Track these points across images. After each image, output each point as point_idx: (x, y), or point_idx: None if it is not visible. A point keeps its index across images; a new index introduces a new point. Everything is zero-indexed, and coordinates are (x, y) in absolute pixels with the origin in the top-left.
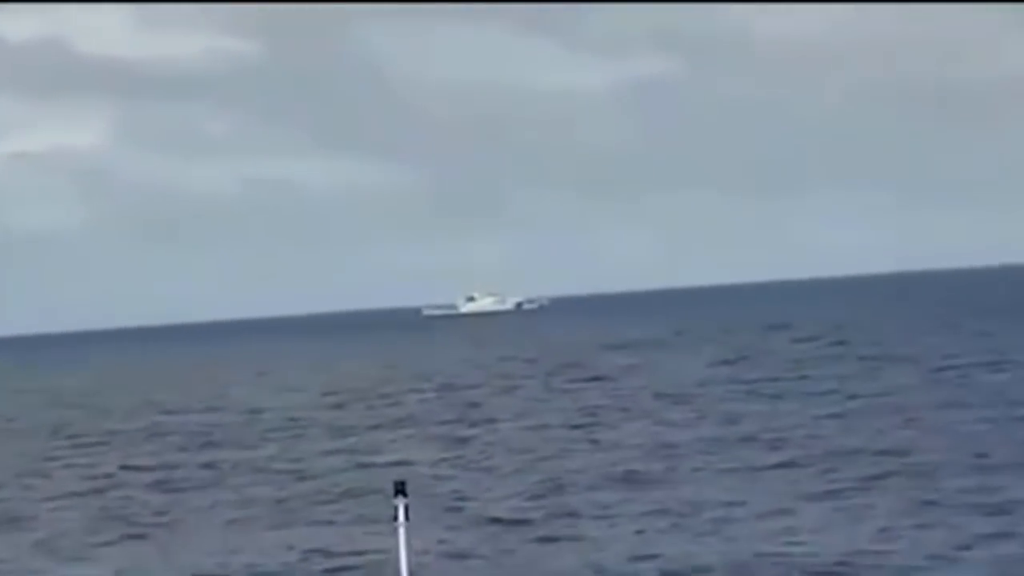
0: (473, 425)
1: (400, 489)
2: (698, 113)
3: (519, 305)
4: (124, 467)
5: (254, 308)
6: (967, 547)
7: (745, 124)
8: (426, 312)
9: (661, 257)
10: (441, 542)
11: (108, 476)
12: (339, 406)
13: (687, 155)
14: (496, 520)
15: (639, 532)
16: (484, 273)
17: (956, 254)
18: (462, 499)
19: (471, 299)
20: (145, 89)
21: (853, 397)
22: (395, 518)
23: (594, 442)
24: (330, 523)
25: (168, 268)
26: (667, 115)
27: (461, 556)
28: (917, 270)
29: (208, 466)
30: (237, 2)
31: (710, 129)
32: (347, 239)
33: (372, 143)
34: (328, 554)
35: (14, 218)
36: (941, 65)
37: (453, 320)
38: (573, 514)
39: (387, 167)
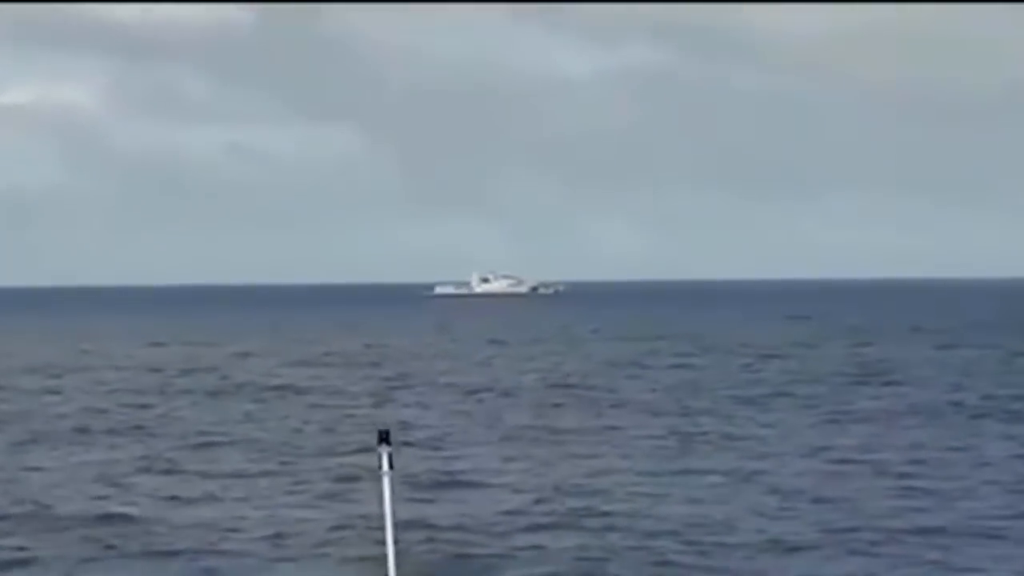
0: None
1: (384, 438)
2: (692, 103)
3: (534, 289)
4: None
5: (235, 275)
6: None
7: (742, 116)
8: (438, 290)
9: (649, 250)
10: None
11: None
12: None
13: (679, 146)
14: None
15: None
16: (473, 254)
17: (967, 263)
18: None
19: (485, 280)
20: (135, 50)
21: None
22: (379, 467)
23: None
24: None
25: (149, 229)
26: (659, 104)
27: None
28: (919, 277)
29: None
30: None
31: (704, 120)
32: (337, 212)
33: (358, 118)
34: None
35: None
36: (958, 68)
37: (461, 300)
38: None
39: (374, 143)
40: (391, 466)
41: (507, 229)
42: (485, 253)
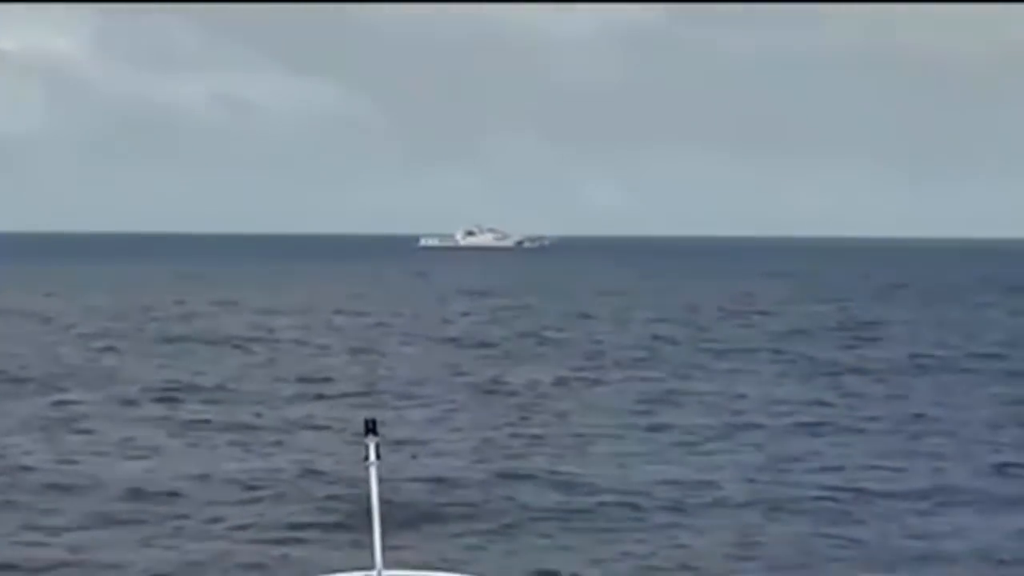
0: None
1: (371, 428)
2: (681, 64)
3: (520, 243)
4: None
5: (221, 224)
6: None
7: (730, 77)
8: (422, 243)
9: (636, 206)
10: None
11: None
12: None
13: (668, 106)
14: None
15: None
16: (460, 208)
17: (945, 225)
18: None
19: (471, 233)
20: None
21: None
22: (366, 458)
23: None
24: None
25: (135, 177)
26: (649, 64)
27: None
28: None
29: None
30: None
31: (692, 80)
32: (325, 163)
33: (348, 71)
34: None
35: None
36: (947, 34)
37: (447, 252)
38: None
39: (364, 97)
40: (378, 456)
41: (495, 184)
42: (472, 207)
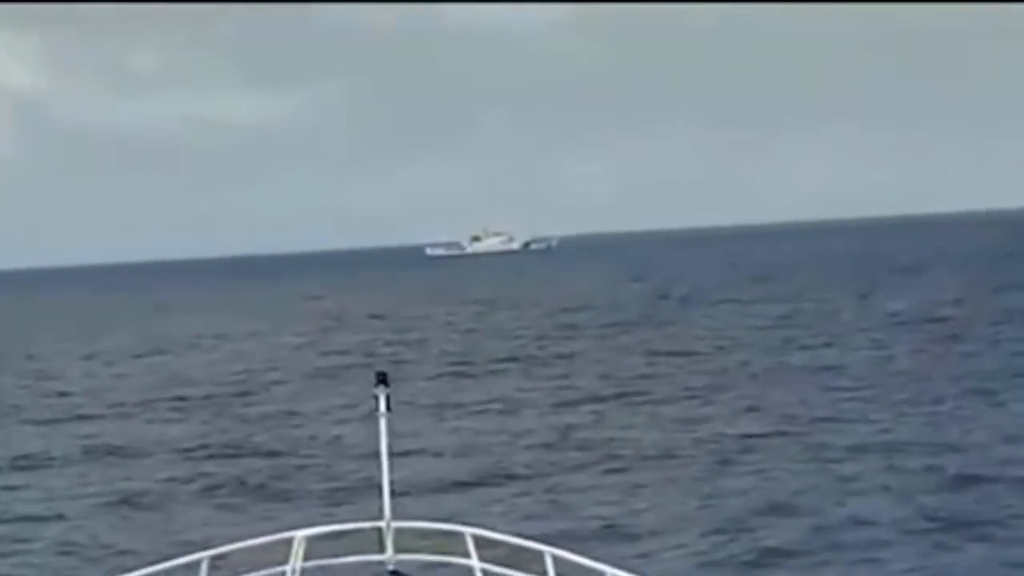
0: None
1: (382, 379)
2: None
3: (527, 245)
4: None
5: (211, 248)
6: None
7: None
8: (429, 251)
9: (628, 198)
10: None
11: None
12: None
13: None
14: None
15: None
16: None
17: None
18: None
19: (476, 239)
20: (75, 23)
21: None
22: (376, 408)
23: None
24: None
25: (109, 205)
26: (640, 43)
27: None
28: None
29: None
30: None
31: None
32: (302, 175)
33: (317, 75)
34: None
35: None
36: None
37: (454, 260)
38: None
39: (336, 98)
40: (388, 407)
41: (484, 178)
42: (465, 204)
